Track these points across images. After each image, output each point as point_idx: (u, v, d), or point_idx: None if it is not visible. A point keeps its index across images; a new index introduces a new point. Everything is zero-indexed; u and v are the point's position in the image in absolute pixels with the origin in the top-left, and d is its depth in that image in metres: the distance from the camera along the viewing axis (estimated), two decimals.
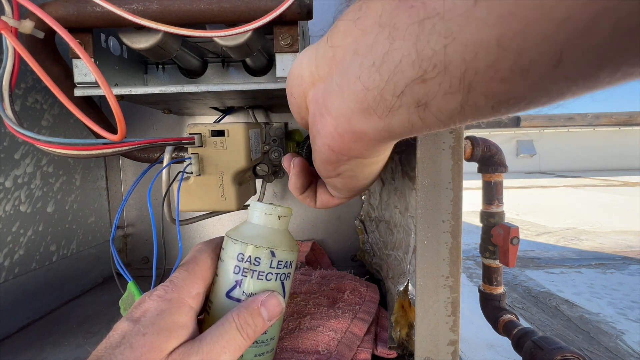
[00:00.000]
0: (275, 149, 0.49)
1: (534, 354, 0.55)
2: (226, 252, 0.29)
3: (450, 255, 0.30)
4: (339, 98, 0.19)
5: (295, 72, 0.23)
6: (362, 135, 0.20)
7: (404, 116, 0.17)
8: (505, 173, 0.64)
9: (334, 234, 0.67)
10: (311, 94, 0.22)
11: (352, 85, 0.18)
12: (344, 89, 0.18)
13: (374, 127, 0.19)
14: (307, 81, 0.22)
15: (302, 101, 0.23)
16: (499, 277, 0.68)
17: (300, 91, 0.22)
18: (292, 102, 0.24)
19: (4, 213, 0.44)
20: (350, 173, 0.24)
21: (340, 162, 0.23)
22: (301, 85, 0.22)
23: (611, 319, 1.67)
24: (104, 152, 0.32)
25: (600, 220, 3.39)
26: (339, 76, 0.19)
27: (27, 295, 0.47)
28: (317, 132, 0.22)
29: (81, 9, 0.33)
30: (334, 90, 0.19)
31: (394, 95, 0.16)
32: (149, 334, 0.24)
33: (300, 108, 0.24)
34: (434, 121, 0.17)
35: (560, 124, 6.67)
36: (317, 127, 0.22)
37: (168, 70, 0.49)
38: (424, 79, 0.15)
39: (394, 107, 0.17)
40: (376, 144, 0.21)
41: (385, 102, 0.17)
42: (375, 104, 0.17)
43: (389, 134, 0.19)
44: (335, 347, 0.35)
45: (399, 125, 0.18)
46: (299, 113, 0.24)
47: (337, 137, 0.20)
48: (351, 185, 0.26)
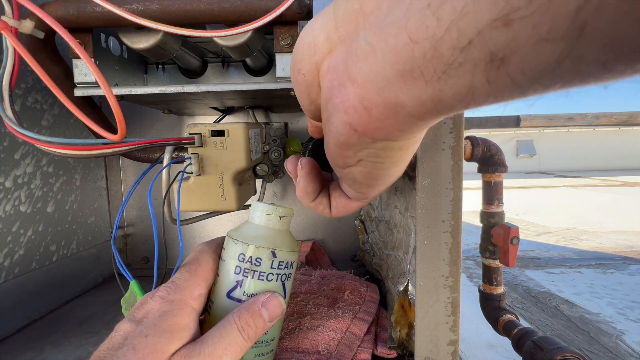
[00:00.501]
0: (275, 149, 0.49)
1: (534, 354, 0.55)
2: (227, 252, 0.29)
3: (450, 255, 0.30)
4: (370, 60, 0.15)
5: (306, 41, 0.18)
6: (397, 109, 0.15)
7: (464, 79, 0.13)
8: (505, 173, 0.64)
9: (334, 234, 0.67)
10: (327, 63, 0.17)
11: (393, 40, 0.14)
12: (379, 46, 0.14)
13: (416, 97, 0.14)
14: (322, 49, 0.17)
15: (314, 77, 0.19)
16: (499, 277, 0.68)
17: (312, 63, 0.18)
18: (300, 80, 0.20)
19: (4, 213, 0.44)
20: (374, 159, 0.19)
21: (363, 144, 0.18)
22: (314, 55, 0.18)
23: (611, 319, 1.67)
24: (104, 152, 0.32)
25: (600, 220, 3.39)
26: (372, 30, 0.15)
27: (27, 295, 0.47)
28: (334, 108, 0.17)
29: (81, 9, 0.33)
30: (363, 50, 0.15)
31: (456, 47, 0.12)
32: (151, 335, 0.24)
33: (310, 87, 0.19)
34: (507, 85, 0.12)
35: (560, 124, 6.67)
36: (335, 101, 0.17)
37: (168, 70, 0.49)
38: (508, 20, 0.11)
39: (452, 65, 0.12)
40: (413, 121, 0.16)
41: (441, 58, 0.12)
42: (424, 63, 0.13)
43: (436, 106, 0.14)
44: (335, 347, 0.35)
45: (453, 92, 0.13)
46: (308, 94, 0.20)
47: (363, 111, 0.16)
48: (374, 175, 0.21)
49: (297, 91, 0.21)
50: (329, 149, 0.21)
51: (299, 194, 0.26)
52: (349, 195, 0.25)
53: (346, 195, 0.25)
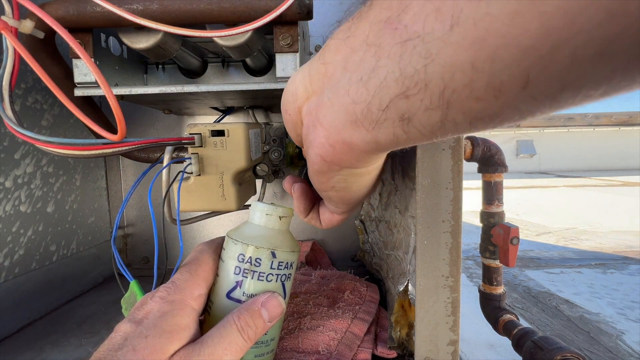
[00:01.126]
0: (275, 149, 0.49)
1: (534, 354, 0.55)
2: (227, 252, 0.29)
3: (450, 255, 0.30)
4: (330, 110, 0.20)
5: (290, 90, 0.23)
6: (351, 146, 0.20)
7: (389, 129, 0.18)
8: (505, 173, 0.64)
9: (334, 234, 0.67)
10: (305, 108, 0.23)
11: (342, 99, 0.19)
12: (334, 102, 0.19)
13: (362, 139, 0.20)
14: (302, 97, 0.22)
15: (297, 117, 0.23)
16: (499, 277, 0.68)
17: (295, 107, 0.23)
18: (288, 119, 0.25)
19: (4, 213, 0.44)
20: (343, 184, 0.25)
21: (333, 172, 0.23)
22: (296, 101, 0.23)
23: (611, 319, 1.67)
24: (104, 152, 0.32)
25: (600, 220, 3.39)
26: (330, 90, 0.20)
27: (27, 295, 0.47)
28: (310, 143, 0.23)
29: (81, 9, 0.33)
30: (326, 103, 0.20)
31: (379, 109, 0.17)
32: (151, 336, 0.24)
33: (295, 124, 0.24)
34: (417, 135, 0.18)
35: (560, 124, 6.68)
36: (310, 138, 0.22)
37: (168, 70, 0.49)
38: (406, 95, 0.16)
39: (379, 120, 0.18)
40: (365, 155, 0.21)
41: (372, 115, 0.18)
42: (362, 117, 0.18)
43: (376, 146, 0.20)
44: (335, 347, 0.35)
45: (384, 137, 0.19)
46: (295, 130, 0.25)
47: (329, 147, 0.21)
48: (346, 197, 0.27)
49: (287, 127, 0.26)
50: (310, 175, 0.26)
51: (295, 210, 0.32)
52: (331, 210, 0.30)
53: (330, 211, 0.31)
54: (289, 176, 0.33)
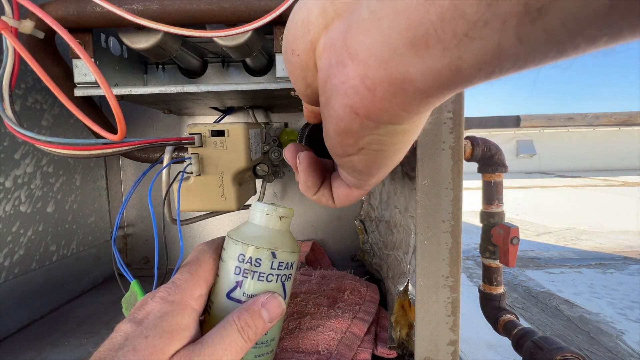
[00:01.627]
0: (275, 149, 0.49)
1: (534, 354, 0.55)
2: (227, 252, 0.29)
3: (450, 255, 0.30)
4: (373, 30, 0.13)
5: (299, 18, 0.17)
6: (404, 85, 0.13)
7: (491, 40, 0.11)
8: (505, 173, 0.64)
9: (334, 234, 0.67)
10: (323, 41, 0.16)
11: (402, 2, 0.12)
12: (384, 13, 0.12)
13: (429, 68, 0.12)
14: (317, 25, 0.16)
15: (309, 57, 0.17)
16: (499, 277, 0.68)
17: (306, 42, 0.16)
18: (294, 62, 0.18)
19: (4, 213, 0.44)
20: (377, 146, 0.18)
21: (365, 130, 0.16)
22: (308, 33, 0.16)
23: (611, 319, 1.67)
24: (104, 152, 0.32)
25: (600, 220, 3.39)
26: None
27: (27, 295, 0.47)
28: (333, 90, 0.16)
29: (81, 9, 0.33)
30: (365, 20, 0.13)
31: (482, 1, 0.10)
32: (151, 336, 0.24)
33: (305, 69, 0.17)
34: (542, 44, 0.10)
35: (560, 124, 6.67)
36: (334, 82, 0.15)
37: (168, 70, 0.49)
38: None
39: (477, 24, 0.10)
40: (423, 99, 0.14)
41: (464, 17, 0.11)
42: (442, 26, 0.11)
43: (452, 78, 0.12)
44: (335, 347, 0.35)
45: (476, 58, 0.11)
46: (304, 78, 0.18)
47: (365, 92, 0.14)
48: (376, 163, 0.19)
49: (292, 74, 0.19)
50: (328, 136, 0.19)
51: (301, 188, 0.25)
52: (348, 183, 0.24)
53: (346, 184, 0.24)
54: (291, 144, 0.26)
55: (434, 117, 0.29)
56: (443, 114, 0.29)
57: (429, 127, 0.29)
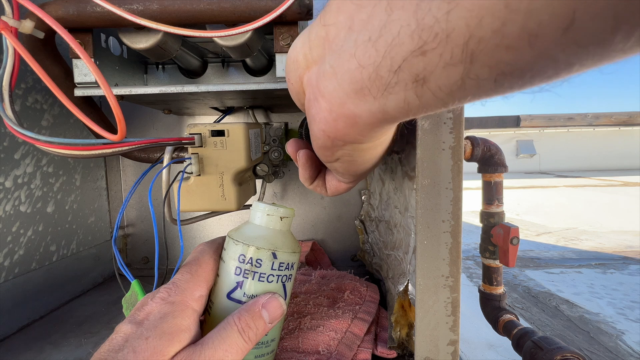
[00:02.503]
0: (275, 149, 0.49)
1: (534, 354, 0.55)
2: (227, 252, 0.29)
3: (450, 255, 0.30)
4: (333, 80, 0.18)
5: (291, 56, 0.22)
6: (355, 119, 0.19)
7: (400, 95, 0.16)
8: (505, 173, 0.64)
9: (334, 234, 0.67)
10: (306, 78, 0.21)
11: (346, 64, 0.17)
12: (338, 69, 0.18)
13: (368, 109, 0.18)
14: (302, 65, 0.21)
15: (299, 86, 0.22)
16: (499, 277, 0.68)
17: (296, 76, 0.22)
18: (290, 87, 0.24)
19: (4, 213, 0.44)
20: (349, 158, 0.24)
21: (337, 147, 0.22)
22: (297, 69, 0.21)
23: (611, 319, 1.67)
24: (104, 152, 0.32)
25: (600, 220, 3.39)
26: (333, 56, 0.18)
27: (27, 295, 0.47)
28: (312, 118, 0.21)
29: (81, 9, 0.33)
30: (327, 71, 0.18)
31: (390, 70, 0.16)
32: (151, 337, 0.24)
33: (298, 94, 0.23)
34: (431, 99, 0.16)
35: (560, 124, 6.67)
36: (312, 112, 0.21)
37: (168, 70, 0.49)
38: (423, 51, 0.14)
39: (389, 84, 0.16)
40: (371, 129, 0.20)
41: (381, 79, 0.16)
42: (370, 83, 0.17)
43: (384, 116, 0.18)
44: (335, 347, 0.35)
45: (394, 105, 0.17)
46: (298, 99, 0.24)
47: (332, 122, 0.20)
48: (352, 169, 0.26)
49: (291, 95, 0.25)
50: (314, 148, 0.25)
51: (300, 178, 0.31)
52: (338, 179, 0.29)
53: (336, 178, 0.30)
54: (293, 139, 0.31)
55: (434, 117, 0.29)
56: (443, 114, 0.29)
57: (428, 127, 0.29)
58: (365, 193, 0.64)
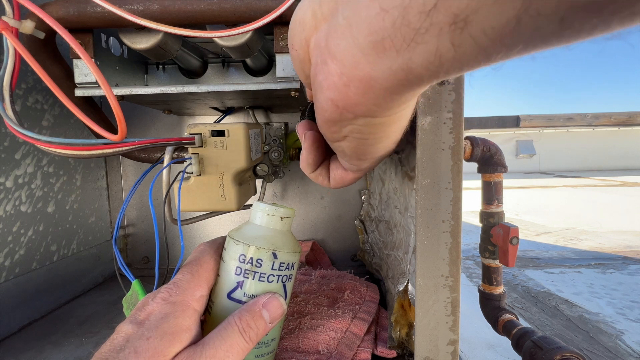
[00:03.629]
0: (275, 149, 0.49)
1: (534, 353, 0.55)
2: (228, 252, 0.29)
3: (450, 255, 0.30)
4: (346, 34, 0.16)
5: (297, 17, 0.19)
6: (371, 83, 0.16)
7: (430, 45, 0.13)
8: (505, 173, 0.64)
9: (334, 234, 0.67)
10: (313, 40, 0.18)
11: (365, 11, 0.14)
12: (353, 20, 0.15)
13: (387, 68, 0.15)
14: (310, 25, 0.18)
15: (305, 52, 0.19)
16: (499, 277, 0.68)
17: (302, 39, 0.19)
18: (294, 55, 0.21)
19: (4, 213, 0.44)
20: (358, 135, 0.21)
21: (345, 121, 0.19)
22: (303, 31, 0.19)
23: (610, 319, 1.67)
24: (105, 152, 0.32)
25: (600, 220, 3.40)
26: (348, 6, 0.15)
27: (28, 295, 0.47)
28: (319, 85, 0.18)
29: (82, 10, 0.33)
30: (340, 25, 0.16)
31: (422, 12, 0.13)
32: (152, 337, 0.24)
33: (302, 62, 0.20)
34: (471, 49, 0.13)
35: (560, 124, 6.67)
36: (319, 79, 0.18)
37: (168, 71, 0.49)
38: None
39: (419, 31, 0.13)
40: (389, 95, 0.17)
41: (409, 25, 0.13)
42: (394, 31, 0.14)
43: (407, 77, 0.15)
44: (335, 346, 0.35)
45: (422, 59, 0.14)
46: (302, 69, 0.21)
47: (342, 87, 0.17)
48: (361, 150, 0.23)
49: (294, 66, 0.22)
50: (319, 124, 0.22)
51: (301, 164, 0.28)
52: (344, 167, 0.26)
53: (343, 167, 0.27)
54: (305, 120, 0.28)
55: (434, 117, 0.29)
56: (443, 114, 0.29)
57: (428, 128, 0.29)
58: (365, 193, 0.64)
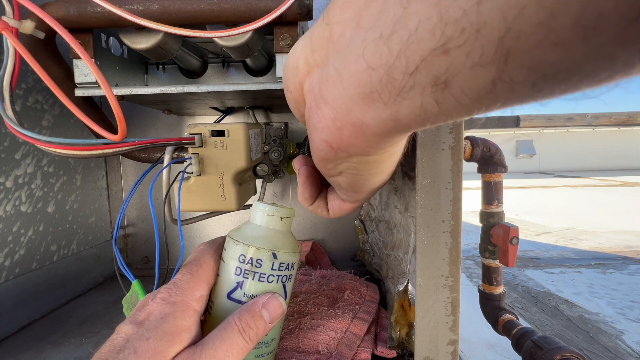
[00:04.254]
0: (275, 149, 0.49)
1: (534, 353, 0.55)
2: (228, 252, 0.29)
3: (450, 255, 0.30)
4: (337, 84, 0.16)
5: (291, 62, 0.20)
6: (363, 128, 0.17)
7: (415, 100, 0.14)
8: (504, 173, 0.65)
9: (334, 234, 0.67)
10: (307, 84, 0.19)
11: (353, 66, 0.15)
12: (343, 72, 0.16)
13: (377, 117, 0.16)
14: (303, 70, 0.19)
15: (299, 94, 0.20)
16: (499, 277, 0.68)
17: (296, 83, 0.20)
18: (289, 96, 0.22)
19: (4, 213, 0.44)
20: (353, 171, 0.22)
21: (340, 159, 0.20)
22: (297, 76, 0.20)
23: (610, 319, 1.67)
24: (105, 152, 0.32)
25: (599, 220, 3.40)
26: (337, 57, 0.16)
27: (28, 295, 0.47)
28: (313, 127, 0.19)
29: (82, 10, 0.33)
30: (331, 75, 0.17)
31: (405, 72, 0.13)
32: (152, 338, 0.24)
33: (298, 103, 0.21)
34: (453, 106, 0.14)
35: (560, 124, 6.67)
36: (313, 121, 0.19)
37: (168, 71, 0.49)
38: (446, 49, 0.12)
39: (404, 88, 0.14)
40: (379, 139, 0.18)
41: (394, 82, 0.14)
42: (380, 87, 0.15)
43: (395, 126, 0.16)
44: (335, 346, 0.35)
45: (408, 112, 0.15)
46: (298, 109, 0.22)
47: (335, 131, 0.18)
48: (357, 184, 0.23)
49: (290, 105, 0.23)
50: (315, 161, 0.23)
51: (299, 198, 0.29)
52: (341, 198, 0.27)
53: (340, 198, 0.28)
54: (301, 156, 0.29)
55: None
56: None
57: (428, 128, 0.29)
58: None
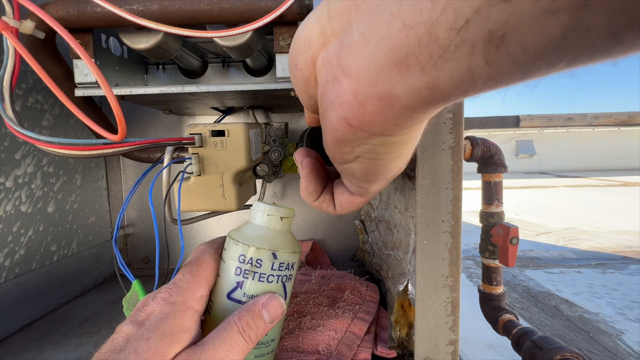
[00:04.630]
0: (275, 149, 0.49)
1: (534, 353, 0.55)
2: (228, 252, 0.29)
3: (450, 255, 0.30)
4: (363, 50, 0.14)
5: (302, 35, 0.18)
6: (391, 101, 0.15)
7: (461, 62, 0.12)
8: (505, 173, 0.65)
9: (334, 234, 0.67)
10: (321, 58, 0.17)
11: (385, 27, 0.13)
12: (372, 36, 0.14)
13: (411, 86, 0.14)
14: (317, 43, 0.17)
15: (310, 72, 0.18)
16: (499, 277, 0.68)
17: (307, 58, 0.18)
18: (297, 75, 0.19)
19: (4, 213, 0.44)
20: (372, 155, 0.19)
21: (359, 140, 0.18)
22: (309, 49, 0.17)
23: (610, 319, 1.67)
24: (105, 152, 0.32)
25: (599, 220, 3.40)
26: (364, 20, 0.14)
27: (28, 295, 0.47)
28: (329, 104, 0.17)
29: (82, 10, 0.33)
30: (355, 41, 0.14)
31: (452, 28, 0.11)
32: (152, 338, 0.24)
33: (307, 83, 0.19)
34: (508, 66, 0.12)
35: (560, 124, 6.67)
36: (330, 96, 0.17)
37: (168, 71, 0.49)
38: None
39: (449, 48, 0.12)
40: (409, 114, 0.15)
41: (437, 42, 0.12)
42: (419, 49, 0.12)
43: (432, 95, 0.14)
44: (335, 346, 0.35)
45: (450, 77, 0.13)
46: (307, 90, 0.19)
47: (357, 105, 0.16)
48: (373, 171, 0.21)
49: (296, 87, 0.20)
50: (326, 145, 0.20)
51: (302, 193, 0.27)
52: (351, 190, 0.25)
53: (349, 191, 0.25)
54: (302, 148, 0.27)
55: (434, 117, 0.29)
56: (443, 114, 0.29)
57: (428, 127, 0.29)
58: None
